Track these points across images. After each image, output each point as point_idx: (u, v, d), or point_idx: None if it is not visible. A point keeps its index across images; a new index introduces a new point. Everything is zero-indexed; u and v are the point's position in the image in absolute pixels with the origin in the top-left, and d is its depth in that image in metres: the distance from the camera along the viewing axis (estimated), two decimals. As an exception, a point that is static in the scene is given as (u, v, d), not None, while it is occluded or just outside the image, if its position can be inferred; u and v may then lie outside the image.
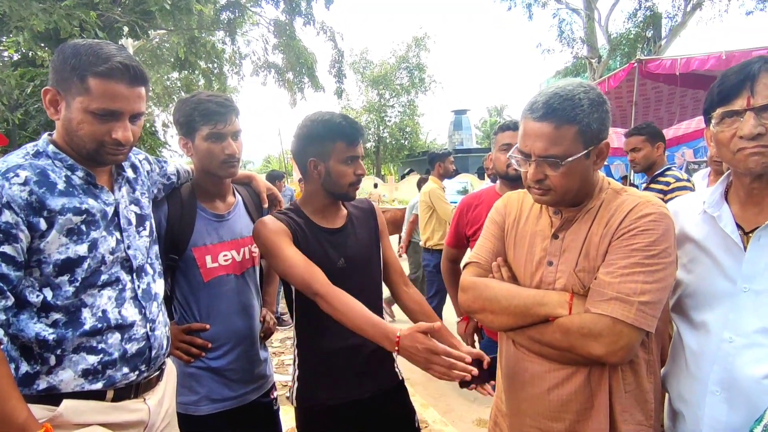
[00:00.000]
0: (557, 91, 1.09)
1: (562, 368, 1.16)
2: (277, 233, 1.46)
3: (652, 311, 1.04)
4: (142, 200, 1.37)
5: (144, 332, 1.26)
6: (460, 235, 2.29)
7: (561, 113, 1.07)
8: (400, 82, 31.60)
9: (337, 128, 1.47)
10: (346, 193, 1.54)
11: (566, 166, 1.10)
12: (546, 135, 1.09)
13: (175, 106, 1.62)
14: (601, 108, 1.10)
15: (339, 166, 1.49)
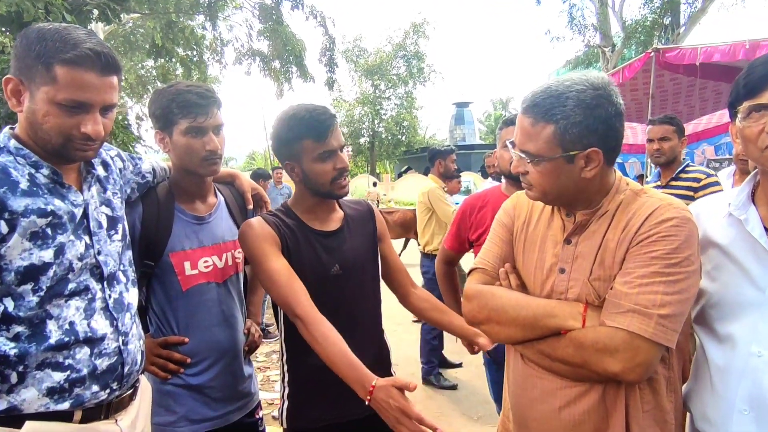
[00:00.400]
0: (551, 85, 1.12)
1: (575, 385, 1.16)
2: (263, 239, 1.46)
3: (673, 325, 1.04)
4: (113, 201, 1.36)
5: (116, 346, 1.25)
6: (462, 238, 2.30)
7: (539, 109, 1.10)
8: (397, 72, 31.65)
9: (301, 125, 1.46)
10: (330, 192, 1.53)
11: (541, 166, 1.13)
12: (523, 129, 1.14)
13: (150, 97, 1.61)
14: (592, 112, 1.08)
15: (313, 165, 1.49)
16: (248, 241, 1.47)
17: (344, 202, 1.70)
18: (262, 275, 1.44)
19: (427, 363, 4.17)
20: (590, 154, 1.11)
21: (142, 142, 10.96)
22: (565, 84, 1.10)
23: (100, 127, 1.17)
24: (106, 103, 1.17)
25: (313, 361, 1.50)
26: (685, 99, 6.82)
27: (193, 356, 1.60)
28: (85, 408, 1.20)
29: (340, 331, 1.50)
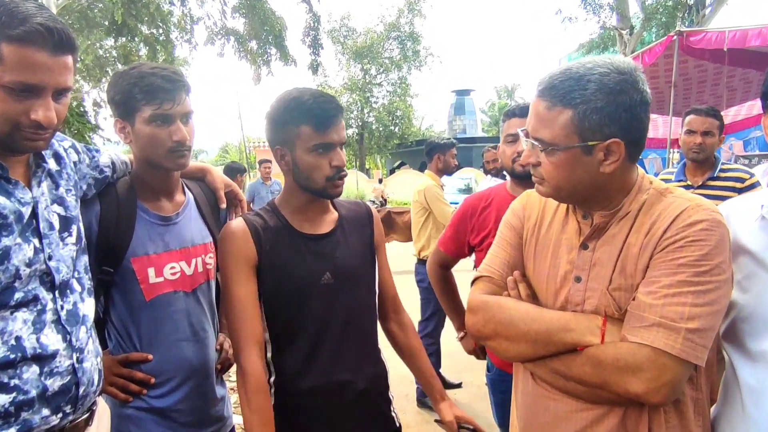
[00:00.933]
0: (571, 66, 1.13)
1: (592, 408, 1.16)
2: (235, 258, 1.48)
3: (703, 340, 1.04)
4: (67, 199, 1.34)
5: (69, 364, 1.24)
6: (461, 242, 2.30)
7: (556, 92, 1.11)
8: (390, 54, 31.74)
9: (302, 108, 1.46)
10: (322, 190, 1.52)
11: (556, 156, 1.13)
12: (538, 114, 1.14)
13: (110, 80, 1.60)
14: (615, 98, 1.08)
15: (306, 156, 1.48)
16: (221, 252, 1.52)
17: (340, 202, 1.70)
18: (224, 297, 1.51)
19: (423, 383, 4.16)
20: (611, 146, 1.11)
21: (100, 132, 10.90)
22: (587, 66, 1.10)
23: (52, 114, 1.15)
24: (60, 86, 1.16)
25: (306, 384, 1.51)
26: (711, 88, 6.91)
27: (158, 375, 1.59)
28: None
29: (330, 349, 1.52)
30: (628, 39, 15.06)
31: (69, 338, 1.25)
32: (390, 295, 1.77)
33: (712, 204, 1.14)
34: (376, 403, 1.63)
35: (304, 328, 1.51)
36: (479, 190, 5.67)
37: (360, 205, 1.75)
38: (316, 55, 12.82)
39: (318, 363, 1.51)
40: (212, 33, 13.15)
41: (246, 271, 1.49)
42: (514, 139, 2.10)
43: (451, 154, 4.32)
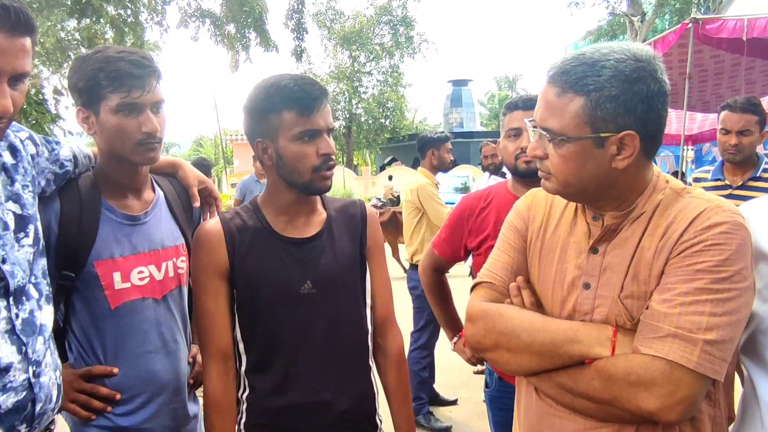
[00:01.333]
0: (585, 51, 1.14)
1: (602, 426, 1.16)
2: (204, 266, 1.51)
3: (722, 353, 1.04)
4: (23, 195, 1.33)
5: (24, 379, 1.23)
6: (457, 245, 2.30)
7: (568, 78, 1.11)
8: (381, 41, 31.81)
9: (283, 93, 1.44)
10: (309, 183, 1.50)
11: (566, 148, 1.13)
12: (547, 101, 1.15)
13: (72, 65, 1.59)
14: (631, 87, 1.09)
15: (291, 145, 1.46)
16: (192, 256, 1.55)
17: (331, 202, 1.68)
18: (195, 307, 1.55)
19: (415, 399, 4.17)
20: (624, 138, 1.12)
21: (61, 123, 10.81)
22: (602, 51, 1.11)
23: (8, 101, 1.14)
24: (17, 70, 1.15)
25: (280, 402, 1.51)
26: (729, 80, 6.97)
27: (124, 391, 1.58)
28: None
29: (309, 365, 1.51)
30: (640, 26, 15.20)
31: (24, 350, 1.23)
32: (381, 312, 1.68)
33: (733, 205, 1.15)
34: (359, 427, 1.60)
35: (280, 341, 1.50)
36: (477, 188, 5.66)
37: (354, 204, 1.71)
38: (300, 40, 12.86)
39: (294, 380, 1.50)
40: (186, 15, 13.12)
41: (215, 280, 1.50)
42: (516, 134, 2.10)
43: (446, 149, 4.31)
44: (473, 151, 27.17)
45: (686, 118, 6.02)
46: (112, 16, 10.03)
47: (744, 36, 5.07)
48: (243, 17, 12.17)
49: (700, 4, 15.09)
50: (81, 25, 11.84)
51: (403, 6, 31.04)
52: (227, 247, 1.50)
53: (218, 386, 1.49)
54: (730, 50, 5.85)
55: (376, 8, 31.22)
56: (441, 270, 2.44)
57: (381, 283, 1.70)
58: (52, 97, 11.01)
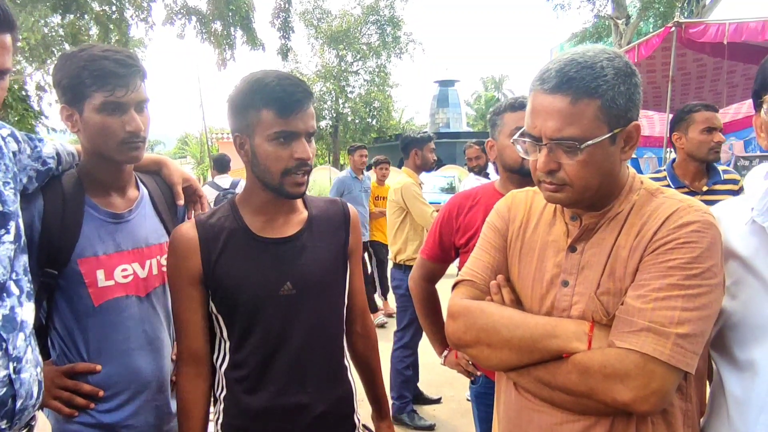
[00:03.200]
0: (574, 57, 1.15)
1: (578, 419, 1.18)
2: (175, 272, 1.52)
3: (693, 346, 1.07)
4: (5, 192, 1.32)
5: (5, 375, 1.22)
6: (446, 245, 2.31)
7: (579, 83, 1.12)
8: (368, 40, 31.69)
9: (264, 91, 1.42)
10: (279, 186, 1.46)
11: (586, 153, 1.14)
12: (560, 111, 1.13)
13: (56, 62, 1.58)
14: (630, 80, 1.14)
15: (266, 144, 1.43)
16: (167, 262, 1.55)
17: (313, 200, 1.67)
18: (172, 309, 1.58)
19: (398, 398, 4.18)
20: (631, 130, 1.17)
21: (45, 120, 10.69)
22: (588, 54, 1.15)
23: None
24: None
25: (255, 404, 1.50)
26: (711, 84, 7.05)
27: (107, 388, 1.57)
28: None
29: (286, 367, 1.50)
30: (624, 29, 15.32)
31: (5, 346, 1.23)
32: (359, 307, 1.74)
33: (704, 205, 1.18)
34: (337, 429, 1.60)
35: (257, 342, 1.49)
36: (463, 188, 5.69)
37: (336, 203, 1.71)
38: (286, 39, 12.80)
39: (271, 382, 1.49)
40: (172, 12, 13.02)
41: (188, 286, 1.50)
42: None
43: (429, 149, 4.32)
44: (459, 152, 27.16)
45: (669, 120, 6.08)
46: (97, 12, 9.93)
47: (725, 40, 5.13)
48: (229, 15, 12.10)
49: (683, 8, 15.23)
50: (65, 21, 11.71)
51: (390, 6, 30.92)
52: (201, 252, 1.48)
53: (188, 389, 1.52)
54: (712, 54, 5.92)
55: (363, 8, 31.07)
56: (432, 279, 2.42)
57: (359, 278, 1.74)
58: (35, 94, 10.89)
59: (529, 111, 1.20)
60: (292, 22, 12.93)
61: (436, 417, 4.26)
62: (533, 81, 1.19)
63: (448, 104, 35.35)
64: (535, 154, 1.20)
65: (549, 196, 1.23)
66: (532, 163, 1.23)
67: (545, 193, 1.23)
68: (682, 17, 6.48)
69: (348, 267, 1.67)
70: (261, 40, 12.59)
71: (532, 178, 1.94)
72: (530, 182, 1.34)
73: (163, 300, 1.73)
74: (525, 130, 1.21)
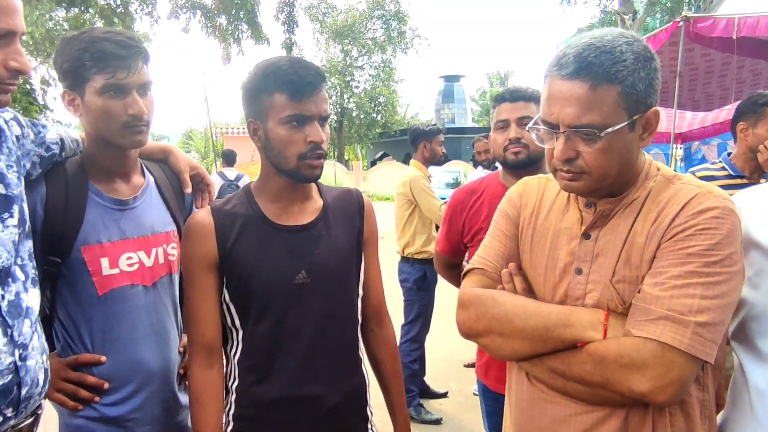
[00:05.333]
0: (592, 42, 1.12)
1: (593, 410, 1.17)
2: (190, 258, 1.50)
3: (712, 335, 1.06)
4: (8, 176, 1.31)
5: (10, 362, 1.22)
6: (455, 240, 2.31)
7: (598, 69, 1.09)
8: (373, 35, 31.75)
9: (276, 75, 1.42)
10: (295, 170, 1.46)
11: (605, 140, 1.11)
12: (579, 98, 1.11)
13: (57, 47, 1.56)
14: (649, 65, 1.12)
15: (279, 128, 1.43)
16: (181, 247, 1.55)
17: (328, 190, 1.66)
18: (184, 298, 1.55)
19: (405, 392, 4.16)
20: (650, 117, 1.15)
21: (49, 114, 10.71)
22: (607, 38, 1.12)
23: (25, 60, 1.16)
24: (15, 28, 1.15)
25: (268, 395, 1.49)
26: (719, 79, 7.01)
27: (112, 380, 1.56)
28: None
29: (300, 357, 1.49)
30: (631, 24, 15.29)
31: (10, 332, 1.22)
32: (374, 302, 1.70)
33: (724, 191, 1.16)
34: (350, 420, 1.59)
35: (270, 332, 1.48)
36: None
37: (351, 193, 1.70)
38: (290, 33, 12.82)
39: (284, 373, 1.48)
40: (176, 6, 13.04)
41: (203, 273, 1.48)
42: (504, 126, 2.12)
43: (438, 142, 4.31)
44: (465, 147, 27.21)
45: (676, 116, 6.05)
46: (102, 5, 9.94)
47: (734, 35, 5.09)
48: (234, 9, 12.11)
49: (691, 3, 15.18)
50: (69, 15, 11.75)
51: (395, 1, 30.96)
52: (217, 237, 1.48)
53: (200, 378, 1.48)
54: (720, 49, 5.87)
55: (368, 2, 31.12)
56: (453, 266, 2.45)
57: (375, 272, 1.71)
58: (40, 88, 10.92)
59: (545, 98, 1.18)
60: (297, 16, 12.94)
61: (442, 411, 4.26)
62: (549, 66, 1.17)
63: (454, 100, 35.42)
64: (551, 142, 1.18)
65: (566, 185, 1.21)
66: (548, 152, 1.20)
67: (561, 182, 1.21)
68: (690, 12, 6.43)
69: (362, 258, 1.65)
70: (265, 34, 12.60)
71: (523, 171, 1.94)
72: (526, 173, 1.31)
73: (170, 290, 1.72)
74: (541, 117, 1.19)
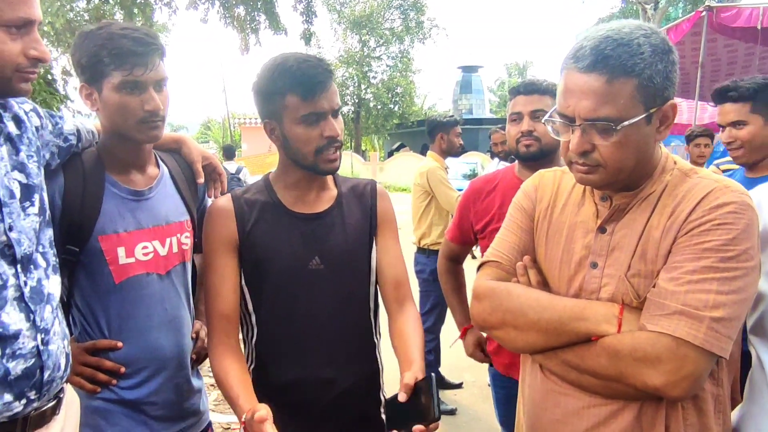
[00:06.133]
0: (609, 34, 1.11)
1: (606, 403, 1.17)
2: (213, 239, 1.54)
3: (727, 330, 1.05)
4: (29, 165, 1.33)
5: (33, 346, 1.23)
6: (465, 228, 2.31)
7: (615, 62, 1.08)
8: (391, 25, 31.60)
9: (286, 76, 1.45)
10: (314, 164, 1.51)
11: (621, 133, 1.10)
12: (595, 91, 1.10)
13: (76, 40, 1.56)
14: (667, 57, 1.11)
15: (295, 127, 1.48)
16: (203, 231, 1.58)
17: (343, 180, 1.69)
18: (203, 279, 1.59)
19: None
20: (668, 110, 1.14)
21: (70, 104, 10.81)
22: (624, 31, 1.11)
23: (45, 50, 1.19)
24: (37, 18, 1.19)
25: (282, 378, 1.52)
26: (742, 69, 6.90)
27: (129, 365, 1.59)
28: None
29: (313, 342, 1.51)
30: (652, 14, 15.05)
31: (33, 318, 1.24)
32: (394, 283, 1.62)
33: (741, 186, 1.15)
34: (362, 405, 1.61)
35: (284, 316, 1.51)
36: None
37: (365, 183, 1.73)
38: (309, 24, 12.74)
39: (297, 356, 1.51)
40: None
41: (223, 253, 1.52)
42: (518, 118, 2.11)
43: (455, 133, 4.29)
44: (482, 138, 27.01)
45: (698, 107, 5.96)
46: (122, -4, 9.97)
47: (759, 25, 5.00)
48: (253, 0, 12.10)
49: (714, -7, 14.92)
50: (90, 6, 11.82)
51: (413, -9, 30.80)
52: (237, 221, 1.52)
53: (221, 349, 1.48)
54: (743, 39, 5.78)
55: (386, -7, 31.01)
56: (456, 259, 2.46)
57: (395, 254, 1.65)
58: (61, 78, 11.01)
59: (561, 90, 1.17)
60: (315, 6, 12.86)
61: (457, 402, 4.27)
62: (566, 59, 1.16)
63: (471, 90, 35.13)
64: (567, 135, 1.17)
65: (581, 178, 1.20)
66: (563, 144, 1.20)
67: (577, 174, 1.20)
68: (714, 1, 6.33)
69: (375, 243, 1.64)
70: (284, 25, 12.56)
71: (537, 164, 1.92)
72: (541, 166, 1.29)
73: (183, 278, 1.74)
74: (557, 110, 1.18)
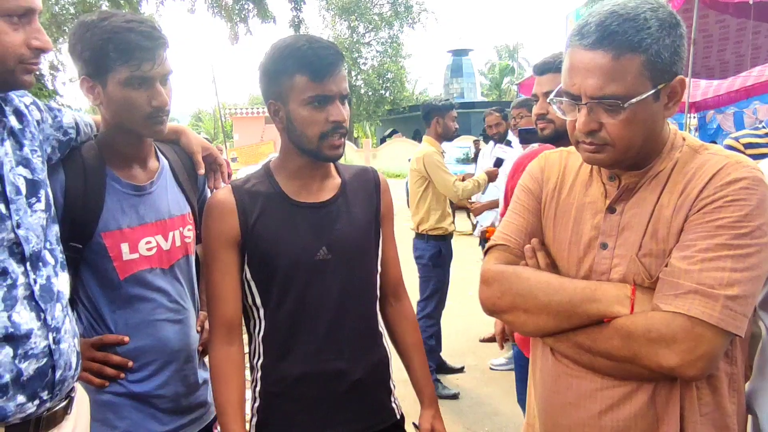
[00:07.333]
0: (615, 9, 1.09)
1: (619, 385, 1.17)
2: (213, 237, 1.50)
3: (743, 308, 1.04)
4: (33, 160, 1.31)
5: (45, 345, 1.23)
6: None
7: (621, 37, 1.07)
8: (380, 11, 31.39)
9: (296, 56, 1.42)
10: (317, 150, 1.48)
11: (629, 111, 1.09)
12: (601, 68, 1.09)
13: (75, 31, 1.52)
14: (675, 31, 1.09)
15: (301, 109, 1.44)
16: (203, 225, 1.54)
17: (345, 168, 1.67)
18: (204, 277, 1.56)
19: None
20: (676, 85, 1.12)
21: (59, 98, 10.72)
22: (630, 5, 1.09)
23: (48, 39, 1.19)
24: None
25: (293, 371, 1.51)
26: (734, 46, 6.87)
27: (136, 359, 1.59)
28: (8, 424, 1.17)
29: (323, 333, 1.51)
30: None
31: (43, 316, 1.23)
32: (392, 278, 1.72)
33: (752, 161, 1.14)
34: (374, 394, 1.61)
35: (293, 308, 1.50)
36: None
37: (367, 171, 1.71)
38: (297, 11, 12.67)
39: (308, 348, 1.50)
40: (182, -14, 12.90)
41: (225, 251, 1.49)
42: (536, 100, 2.09)
43: (451, 117, 4.28)
44: (474, 122, 26.98)
45: (690, 85, 5.95)
46: (108, -13, 9.86)
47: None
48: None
49: (704, -31, 14.86)
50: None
51: (401, -25, 30.60)
52: (239, 215, 1.49)
53: (220, 355, 1.50)
54: (735, 14, 5.75)
55: (374, -23, 30.79)
56: None
57: (392, 248, 1.73)
58: (49, 73, 10.90)
59: (566, 68, 1.15)
60: (303, -7, 12.77)
61: (459, 386, 4.29)
62: (571, 36, 1.14)
63: (462, 74, 35.04)
64: (573, 114, 1.16)
65: (588, 157, 1.19)
66: (569, 123, 1.18)
67: (584, 154, 1.19)
68: (705, -23, 6.30)
69: (380, 234, 1.67)
70: (272, 12, 12.48)
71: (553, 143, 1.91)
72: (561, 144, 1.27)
73: (187, 271, 1.74)
74: (562, 89, 1.17)
